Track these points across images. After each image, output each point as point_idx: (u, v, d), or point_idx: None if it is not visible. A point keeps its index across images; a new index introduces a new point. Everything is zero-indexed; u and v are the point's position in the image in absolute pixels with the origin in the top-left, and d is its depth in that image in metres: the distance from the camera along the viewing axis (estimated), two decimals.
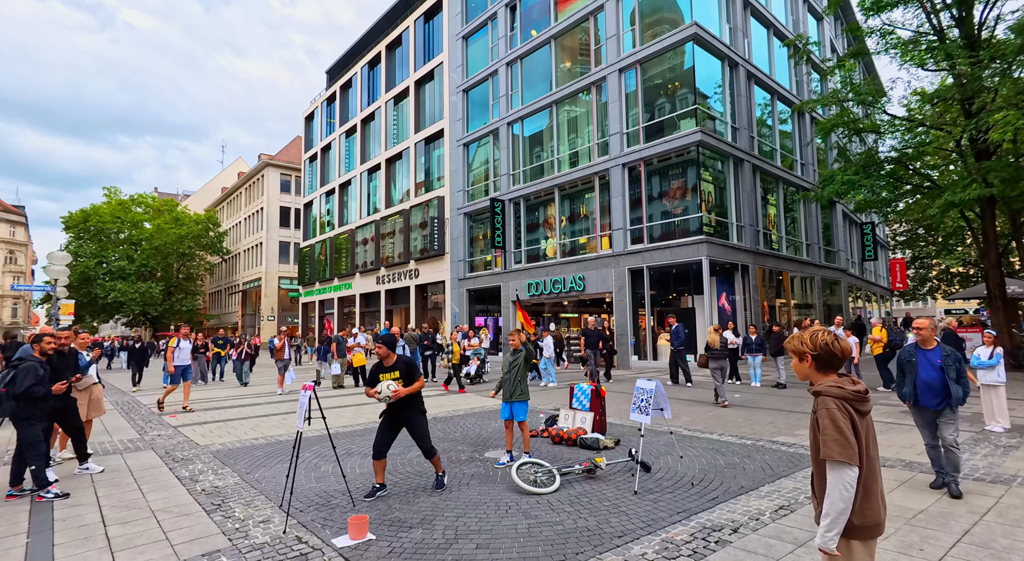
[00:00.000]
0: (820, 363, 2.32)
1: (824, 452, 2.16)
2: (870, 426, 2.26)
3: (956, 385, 4.87)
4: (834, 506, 2.12)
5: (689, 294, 18.40)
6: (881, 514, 2.20)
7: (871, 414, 2.31)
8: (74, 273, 39.19)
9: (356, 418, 9.69)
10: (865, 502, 2.16)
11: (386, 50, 33.71)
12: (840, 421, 2.14)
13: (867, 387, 2.32)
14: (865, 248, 30.30)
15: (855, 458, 2.11)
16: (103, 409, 7.30)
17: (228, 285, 57.00)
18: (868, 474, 2.18)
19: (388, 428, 5.20)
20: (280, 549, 3.98)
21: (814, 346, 2.31)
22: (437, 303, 28.55)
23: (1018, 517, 4.30)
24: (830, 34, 27.87)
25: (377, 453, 5.12)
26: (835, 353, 2.29)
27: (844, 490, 2.10)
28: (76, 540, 4.22)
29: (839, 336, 2.37)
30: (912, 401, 5.13)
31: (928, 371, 5.03)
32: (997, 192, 13.87)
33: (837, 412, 2.16)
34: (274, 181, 49.60)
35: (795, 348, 2.37)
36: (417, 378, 5.19)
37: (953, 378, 4.89)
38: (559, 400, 10.82)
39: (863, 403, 2.23)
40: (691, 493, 5.11)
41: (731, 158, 18.78)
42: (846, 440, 2.11)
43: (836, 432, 2.13)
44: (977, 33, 14.87)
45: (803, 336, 2.35)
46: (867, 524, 2.17)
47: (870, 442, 2.23)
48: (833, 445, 2.12)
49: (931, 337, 5.15)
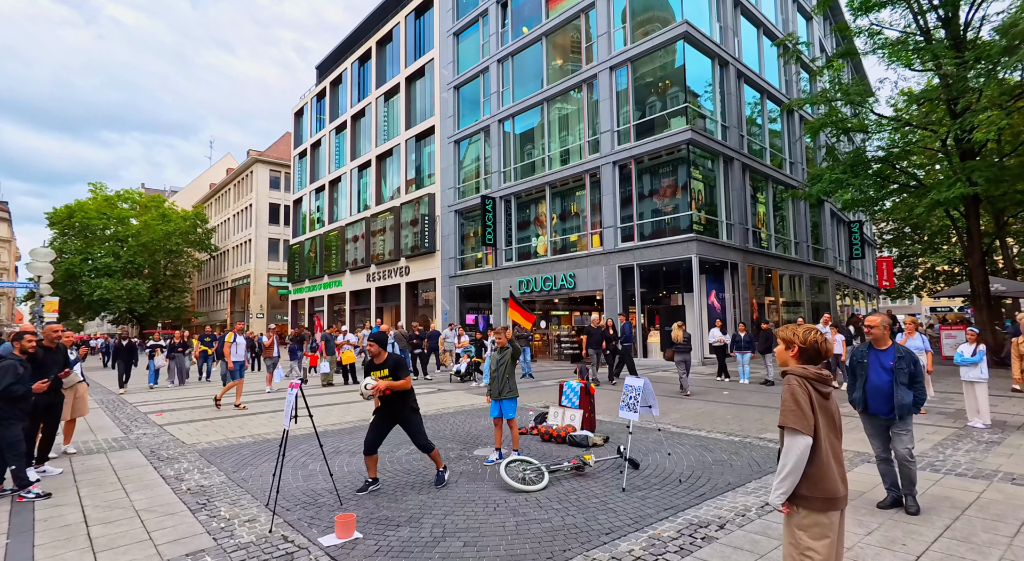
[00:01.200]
0: (804, 357, 2.57)
1: (781, 420, 2.43)
2: (833, 410, 2.50)
3: (906, 391, 4.34)
4: (784, 467, 2.37)
5: (679, 292, 18.49)
6: (838, 488, 2.40)
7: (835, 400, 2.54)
8: (58, 270, 38.63)
9: (345, 416, 9.64)
10: (819, 474, 2.37)
11: (376, 46, 33.49)
12: (799, 395, 2.40)
13: (831, 375, 2.58)
14: (853, 246, 30.63)
15: (809, 428, 2.35)
16: (87, 408, 7.20)
17: (217, 282, 56.47)
18: (826, 450, 2.40)
19: (379, 425, 5.26)
20: (266, 548, 3.94)
21: (804, 341, 2.56)
22: (428, 301, 28.48)
23: (999, 512, 4.36)
24: (819, 34, 28.09)
25: (368, 449, 5.20)
26: (819, 351, 2.54)
27: (796, 454, 2.34)
28: (57, 541, 4.15)
29: (828, 338, 2.57)
30: (861, 407, 4.61)
31: (879, 374, 4.47)
32: (981, 191, 14.06)
33: (797, 387, 2.42)
34: (263, 177, 49.16)
35: (786, 337, 2.63)
36: (404, 376, 5.20)
37: (904, 383, 4.34)
38: (549, 398, 10.83)
39: (824, 384, 2.48)
40: (679, 490, 5.14)
41: (721, 156, 18.88)
42: (801, 411, 2.37)
43: (794, 404, 2.39)
44: (963, 34, 15.03)
45: (797, 330, 2.61)
46: (821, 496, 2.37)
47: (830, 423, 2.47)
48: (789, 415, 2.39)
49: (884, 336, 4.59)
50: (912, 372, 4.39)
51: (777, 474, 2.40)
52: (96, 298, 41.55)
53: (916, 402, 4.38)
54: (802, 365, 2.52)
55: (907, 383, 4.35)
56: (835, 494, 2.37)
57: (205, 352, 17.17)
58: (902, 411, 4.32)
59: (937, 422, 8.01)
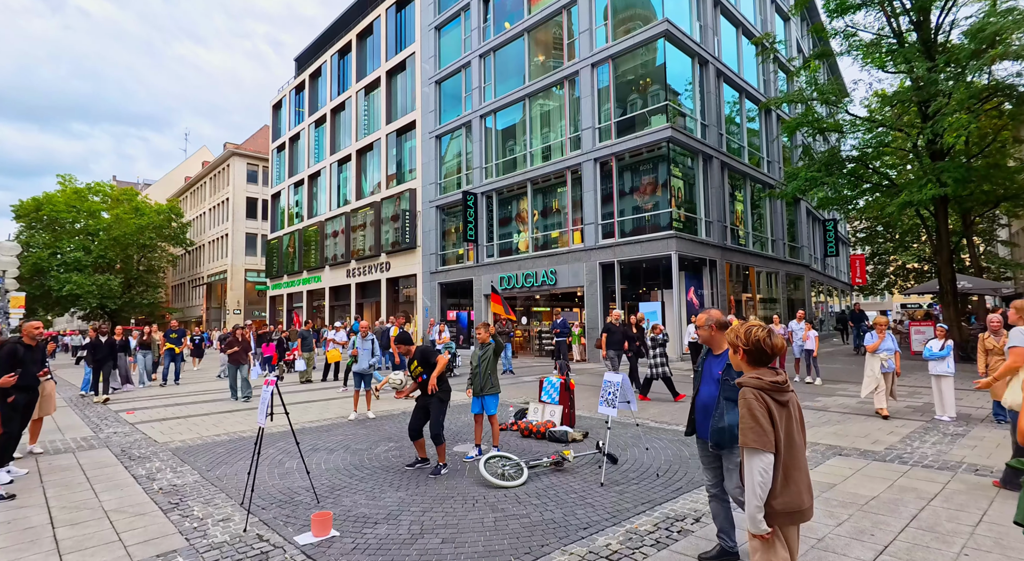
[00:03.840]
0: (751, 358, 2.45)
1: (741, 440, 2.29)
2: (792, 415, 2.37)
3: (732, 409, 2.97)
4: (752, 490, 2.25)
5: (658, 288, 18.68)
6: (804, 500, 2.31)
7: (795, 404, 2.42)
8: (25, 264, 37.38)
9: (323, 413, 9.54)
10: (785, 488, 2.28)
11: (357, 39, 33.03)
12: (756, 410, 2.27)
13: (787, 378, 2.44)
14: (827, 244, 31.28)
15: (770, 444, 2.24)
16: (54, 406, 7.01)
17: (192, 277, 55.31)
18: (789, 461, 2.30)
19: (418, 411, 5.88)
20: (240, 548, 3.88)
21: (747, 341, 2.43)
22: (409, 297, 28.29)
23: (962, 502, 4.51)
24: (797, 34, 28.55)
25: (412, 434, 5.83)
26: (765, 350, 2.41)
27: (760, 475, 2.23)
28: (21, 543, 4.03)
29: (773, 333, 2.47)
30: (687, 428, 3.63)
31: (709, 386, 3.41)
32: (950, 192, 14.44)
33: (754, 401, 2.29)
34: (240, 171, 48.22)
35: (731, 341, 2.53)
36: (435, 360, 5.81)
37: (731, 398, 2.99)
38: (529, 394, 10.86)
39: (781, 393, 2.35)
40: (656, 484, 5.20)
41: (700, 155, 19.08)
42: (761, 428, 2.24)
43: (752, 421, 2.26)
44: (934, 37, 15.42)
45: (739, 330, 2.48)
46: (787, 510, 2.28)
47: (793, 429, 2.34)
48: (748, 432, 2.26)
49: (713, 338, 3.44)
50: None
51: (747, 500, 2.27)
52: (65, 293, 40.37)
53: (724, 432, 3.04)
54: (755, 371, 2.41)
55: (735, 399, 2.79)
56: (799, 507, 2.30)
57: (172, 350, 15.01)
58: (718, 436, 3.08)
59: (906, 415, 8.24)
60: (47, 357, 6.91)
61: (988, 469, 5.38)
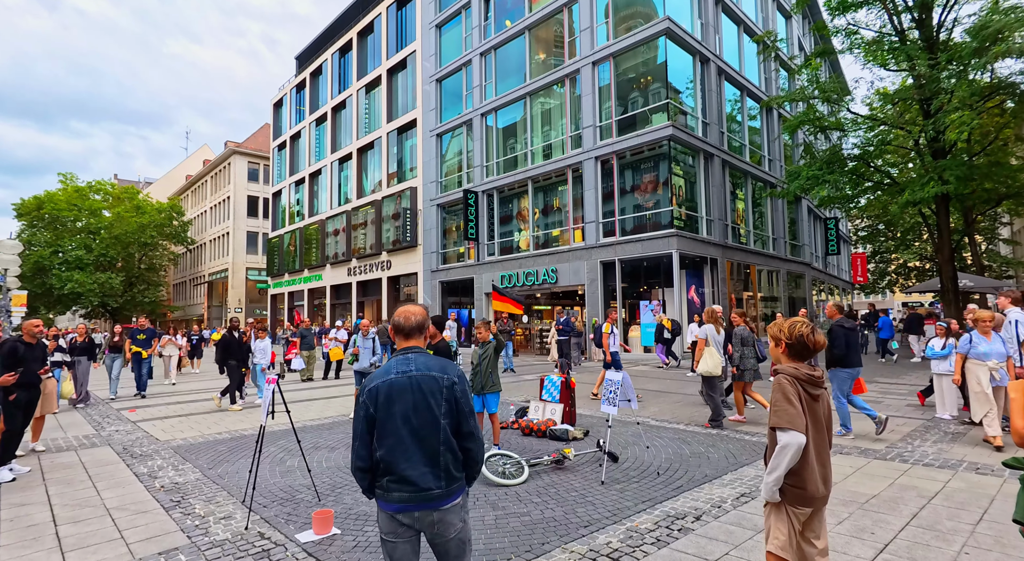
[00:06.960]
0: (792, 351, 2.51)
1: (772, 420, 2.36)
2: (821, 412, 2.44)
3: None
4: (777, 467, 2.32)
5: (659, 287, 18.67)
6: (817, 487, 2.37)
7: (826, 401, 2.48)
8: (27, 262, 37.46)
9: (324, 411, 9.56)
10: (801, 471, 2.35)
11: (357, 37, 33.00)
12: (789, 393, 2.35)
13: (824, 374, 2.50)
14: (828, 243, 31.24)
15: (802, 426, 2.29)
16: (56, 405, 7.02)
17: (193, 276, 55.37)
18: (811, 451, 2.36)
19: None
20: (241, 545, 3.89)
21: (790, 335, 2.50)
22: (410, 295, 28.31)
23: (962, 500, 4.51)
24: (798, 32, 28.48)
25: None
26: (808, 345, 2.48)
27: (789, 454, 2.29)
28: (24, 540, 4.04)
29: (817, 330, 2.53)
30: None
31: None
32: (952, 190, 14.41)
33: (788, 385, 2.37)
34: (241, 169, 48.23)
35: (774, 334, 2.57)
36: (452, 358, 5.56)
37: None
38: (530, 392, 10.87)
39: (815, 387, 2.42)
40: (656, 482, 5.20)
41: (701, 153, 19.05)
42: (794, 409, 2.32)
43: (785, 402, 2.34)
44: (936, 35, 15.36)
45: (783, 325, 2.54)
46: (798, 490, 2.36)
47: (817, 424, 2.42)
48: (782, 413, 2.33)
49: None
50: None
51: (769, 472, 2.37)
52: (67, 292, 40.48)
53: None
54: (793, 363, 2.47)
55: None
56: (813, 494, 2.35)
57: (139, 354, 11.92)
58: None
59: (907, 414, 8.23)
60: (47, 356, 6.92)
61: (989, 468, 5.38)
